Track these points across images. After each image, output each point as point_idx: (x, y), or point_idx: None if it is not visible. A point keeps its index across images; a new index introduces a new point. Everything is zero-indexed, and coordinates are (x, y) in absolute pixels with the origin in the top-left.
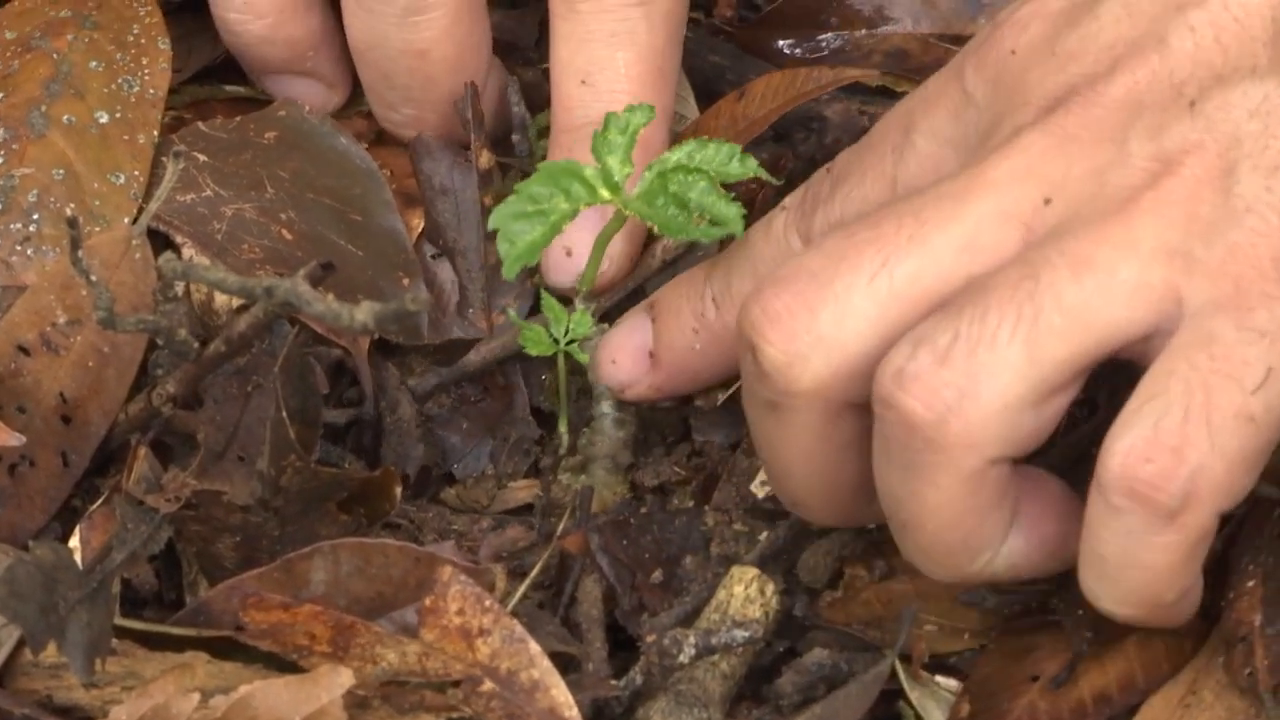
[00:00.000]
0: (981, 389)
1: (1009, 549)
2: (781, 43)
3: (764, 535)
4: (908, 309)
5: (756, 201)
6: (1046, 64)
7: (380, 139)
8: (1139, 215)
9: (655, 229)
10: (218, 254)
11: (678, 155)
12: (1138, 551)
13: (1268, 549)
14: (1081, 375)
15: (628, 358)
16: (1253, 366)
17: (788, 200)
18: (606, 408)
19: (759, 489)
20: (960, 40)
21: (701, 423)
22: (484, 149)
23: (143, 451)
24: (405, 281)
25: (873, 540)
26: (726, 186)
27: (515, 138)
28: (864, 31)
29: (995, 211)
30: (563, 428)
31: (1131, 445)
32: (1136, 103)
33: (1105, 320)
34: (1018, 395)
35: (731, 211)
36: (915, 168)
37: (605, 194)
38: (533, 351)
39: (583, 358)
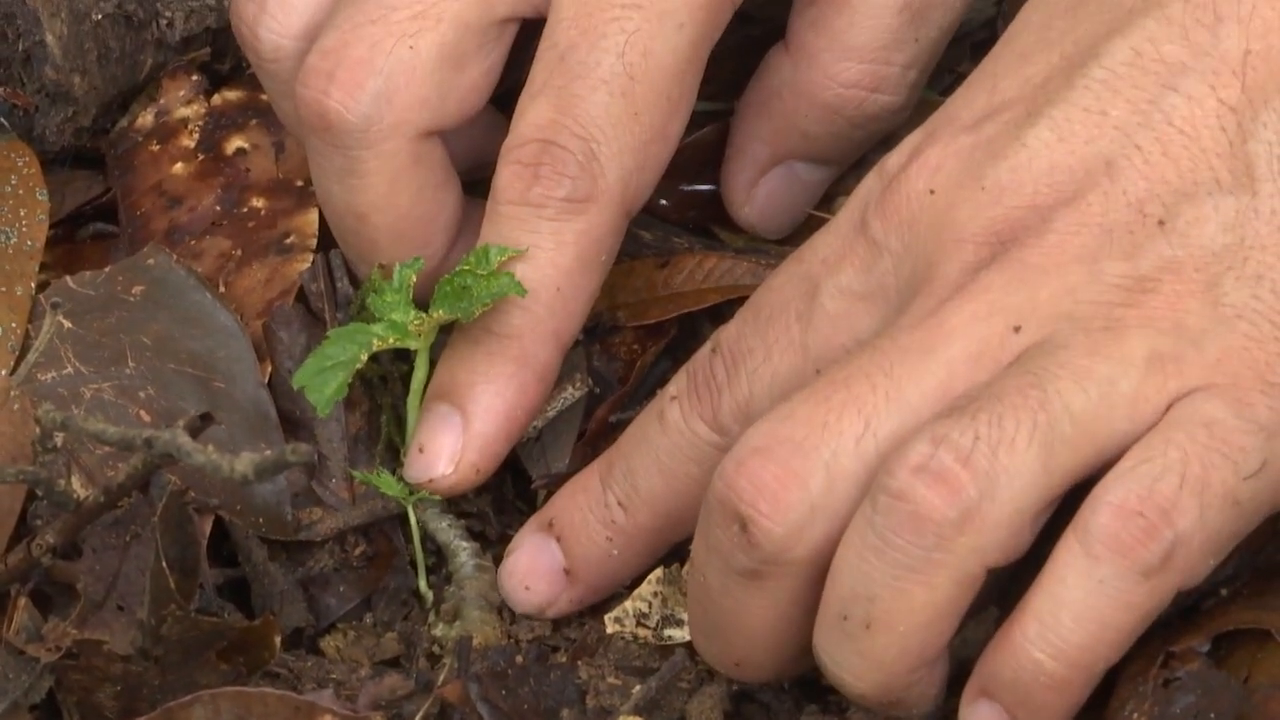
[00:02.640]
0: (1000, 492)
1: (939, 670)
2: (681, 188)
3: (637, 689)
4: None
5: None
6: (977, 199)
7: None
8: (1127, 331)
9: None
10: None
11: (455, 270)
12: (1100, 604)
13: (1153, 697)
14: (1067, 490)
15: (542, 581)
16: (1249, 454)
17: (671, 390)
18: (465, 557)
19: (611, 624)
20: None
21: None
22: (336, 324)
23: (23, 602)
24: (267, 453)
25: (745, 692)
26: None
27: (339, 315)
28: None
29: (964, 355)
30: (422, 582)
31: (1125, 499)
32: (1098, 226)
33: (1110, 430)
34: (1030, 501)
35: (505, 282)
36: (827, 330)
37: (394, 338)
38: (387, 492)
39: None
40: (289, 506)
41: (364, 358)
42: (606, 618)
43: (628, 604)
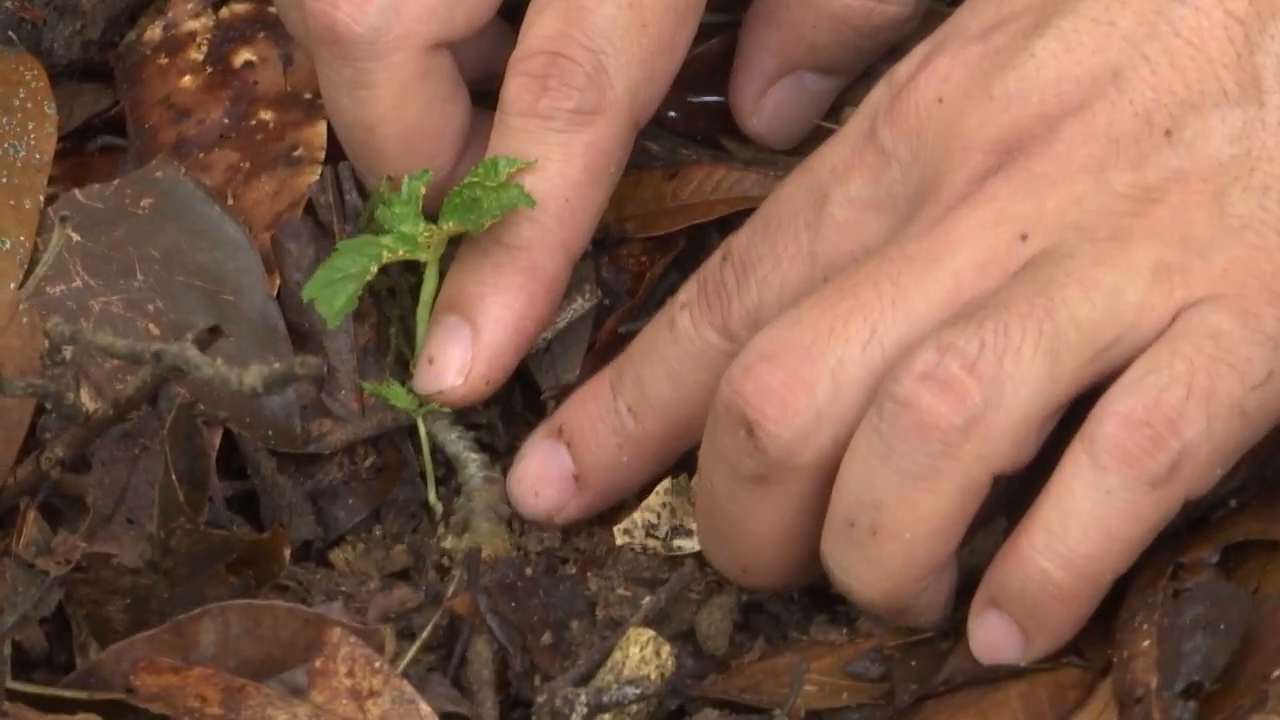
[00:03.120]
0: (1005, 399)
1: (946, 578)
2: (690, 99)
3: (646, 600)
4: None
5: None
6: (985, 108)
7: None
8: (1133, 241)
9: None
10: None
11: (463, 182)
12: (1107, 514)
13: (1162, 608)
14: (1073, 399)
15: (551, 488)
16: (1256, 365)
17: (681, 298)
18: (474, 469)
19: (620, 536)
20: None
21: None
22: (344, 236)
23: (32, 515)
24: (276, 366)
25: (755, 603)
26: None
27: (348, 228)
28: None
29: (971, 263)
30: (431, 494)
31: (1131, 410)
32: (1105, 136)
33: (1116, 339)
34: (1036, 409)
35: (514, 193)
36: (836, 238)
37: (403, 250)
38: (397, 404)
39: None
40: (298, 419)
41: (374, 270)
42: (615, 529)
43: (636, 515)
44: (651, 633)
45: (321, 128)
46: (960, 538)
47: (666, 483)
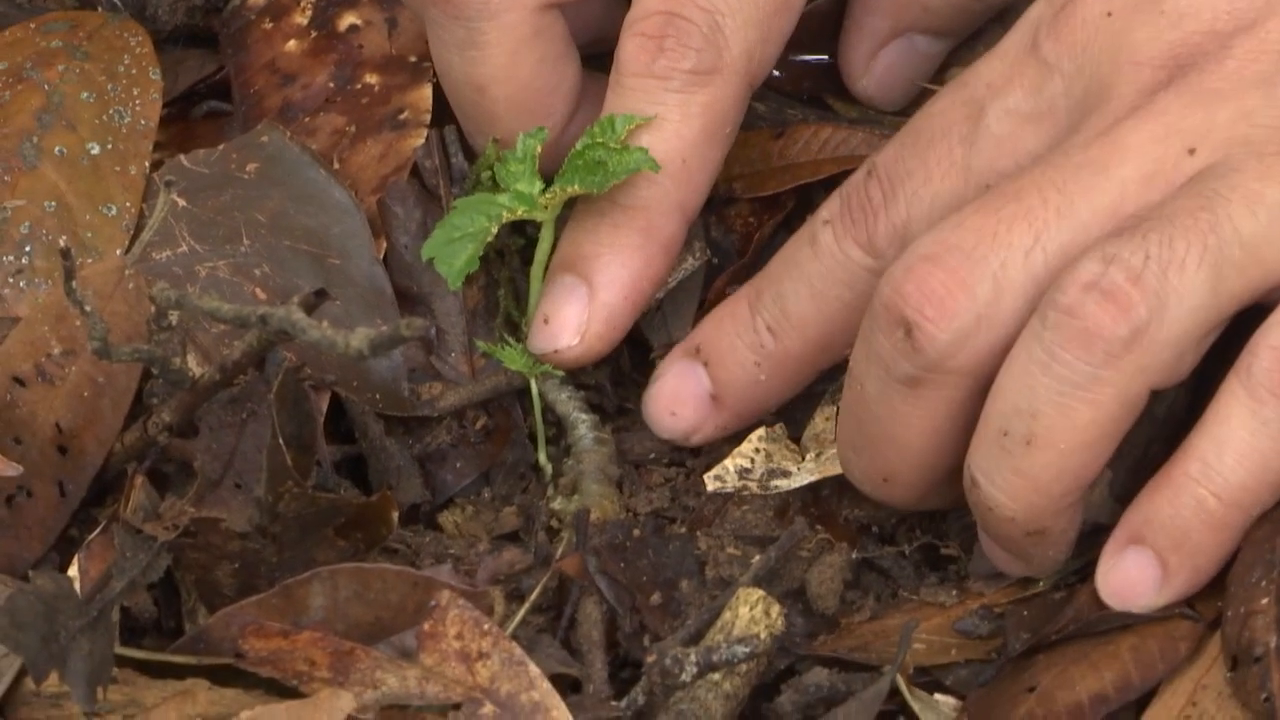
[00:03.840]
0: (1169, 312)
1: (1077, 514)
2: (791, 59)
3: (756, 558)
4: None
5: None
6: (1156, 23)
7: None
8: None
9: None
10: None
11: (583, 142)
12: (1263, 444)
13: None
14: (1231, 318)
15: (688, 407)
16: None
17: (824, 214)
18: (584, 430)
19: (711, 482)
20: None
21: None
22: (454, 198)
23: (140, 480)
24: (382, 328)
25: (868, 561)
26: None
27: (455, 190)
28: None
29: (1138, 175)
30: (542, 455)
31: None
32: (1276, 53)
33: (1277, 254)
34: (1197, 324)
35: (639, 155)
36: (992, 151)
37: (522, 209)
38: (511, 366)
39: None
40: (405, 382)
41: (494, 231)
42: (705, 476)
43: (727, 462)
44: (761, 592)
45: (427, 91)
46: (1110, 454)
47: (761, 430)
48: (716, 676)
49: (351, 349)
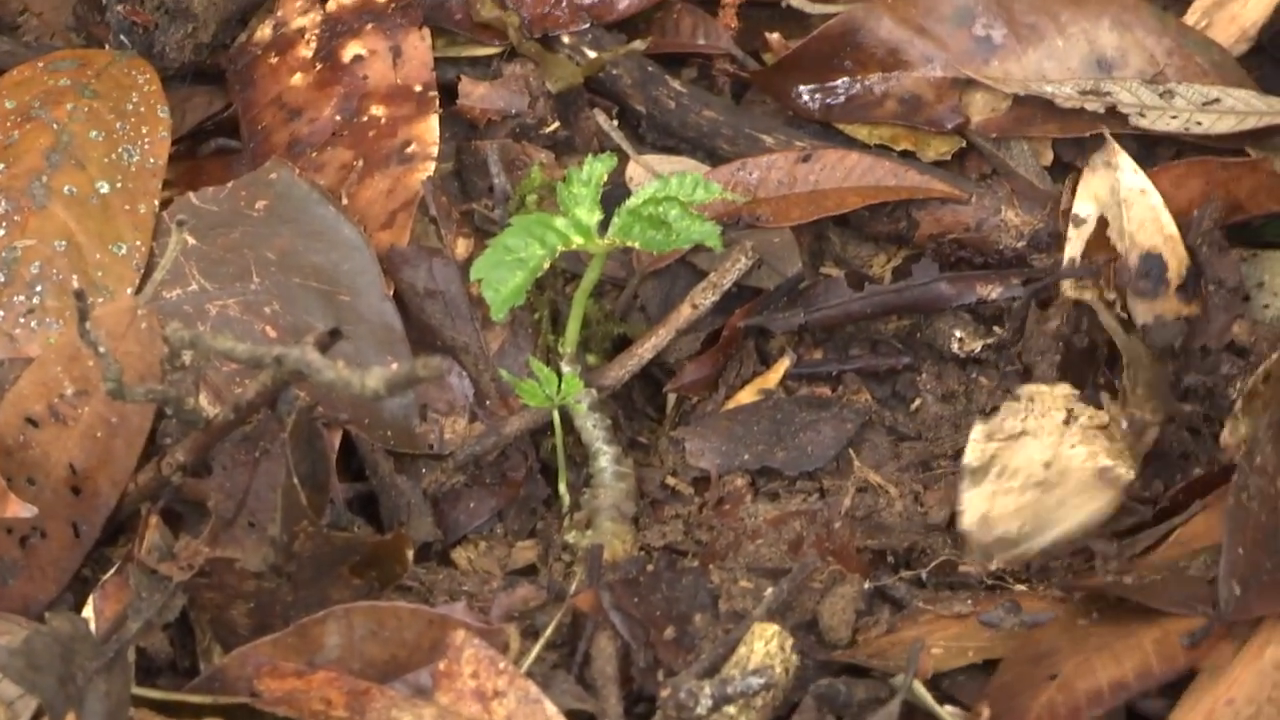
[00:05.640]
0: None
1: None
2: (801, 89)
3: (769, 591)
4: None
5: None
6: None
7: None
8: None
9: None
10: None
11: (647, 192)
12: None
13: None
14: None
15: None
16: None
17: None
18: (605, 462)
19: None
20: (973, 84)
21: (695, 446)
22: (458, 238)
23: (154, 520)
24: (394, 365)
25: (881, 590)
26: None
27: (497, 212)
28: (877, 75)
29: None
30: (562, 485)
31: None
32: None
33: None
34: None
35: (707, 228)
36: None
37: (578, 240)
38: (530, 403)
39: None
40: (416, 419)
41: (547, 263)
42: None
43: None
44: (776, 627)
45: (433, 121)
46: None
47: None
48: (732, 710)
49: (368, 389)
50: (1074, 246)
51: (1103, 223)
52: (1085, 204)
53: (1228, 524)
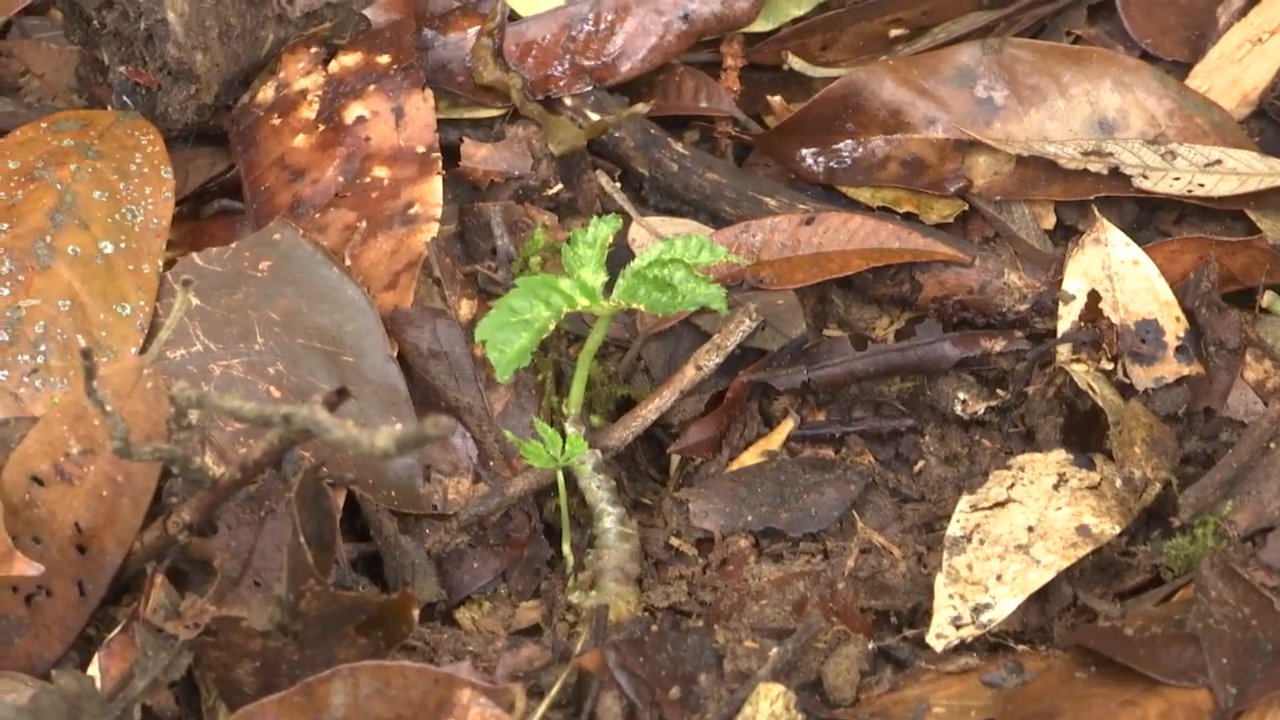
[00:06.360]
0: None
1: None
2: (804, 151)
3: (774, 651)
4: None
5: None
6: None
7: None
8: None
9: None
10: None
11: (652, 254)
12: None
13: None
14: None
15: None
16: None
17: None
18: (609, 522)
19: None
20: (976, 147)
21: (699, 507)
22: (462, 299)
23: (159, 579)
24: (398, 427)
25: (885, 650)
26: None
27: (500, 273)
28: (880, 138)
29: None
30: (566, 545)
31: None
32: None
33: None
34: None
35: (712, 291)
36: None
37: (583, 301)
38: (535, 464)
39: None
40: (420, 480)
41: (552, 325)
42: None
43: None
44: (781, 687)
45: (436, 183)
46: None
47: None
48: None
49: (377, 448)
50: (1064, 325)
51: (1094, 297)
52: (1075, 280)
53: (1205, 644)
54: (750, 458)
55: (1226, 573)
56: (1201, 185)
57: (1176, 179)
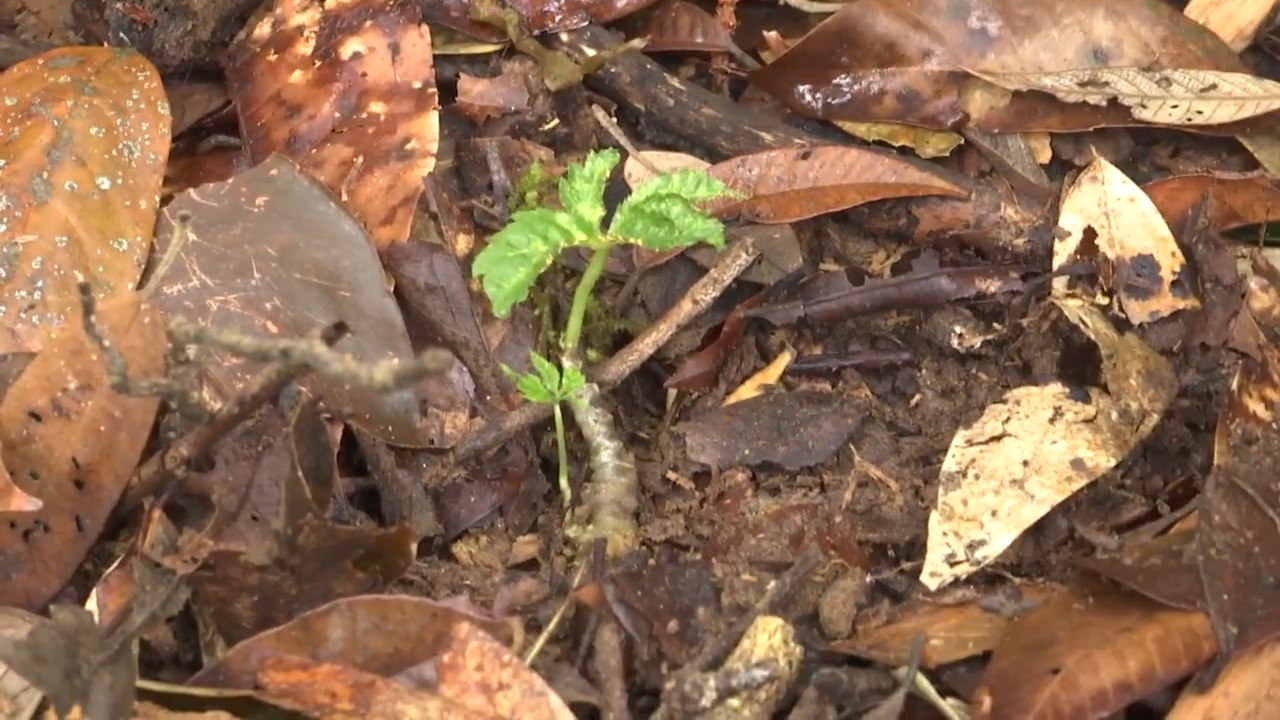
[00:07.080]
0: None
1: None
2: (800, 86)
3: (771, 584)
4: None
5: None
6: None
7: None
8: None
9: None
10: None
11: (649, 188)
12: None
13: None
14: None
15: None
16: None
17: None
18: (606, 456)
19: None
20: (971, 79)
21: (696, 441)
22: (459, 234)
23: (157, 514)
24: (395, 361)
25: (882, 584)
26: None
27: (497, 208)
28: (875, 72)
29: None
30: (564, 480)
31: None
32: None
33: None
34: None
35: (709, 225)
36: None
37: (580, 236)
38: (531, 399)
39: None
40: (417, 414)
41: (549, 259)
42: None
43: None
44: (779, 620)
45: (432, 118)
46: None
47: None
48: (736, 702)
49: (376, 382)
50: (1059, 261)
51: (1089, 233)
52: (1071, 217)
53: (1205, 577)
54: (747, 392)
55: (1232, 492)
56: (1200, 113)
57: (1175, 107)
